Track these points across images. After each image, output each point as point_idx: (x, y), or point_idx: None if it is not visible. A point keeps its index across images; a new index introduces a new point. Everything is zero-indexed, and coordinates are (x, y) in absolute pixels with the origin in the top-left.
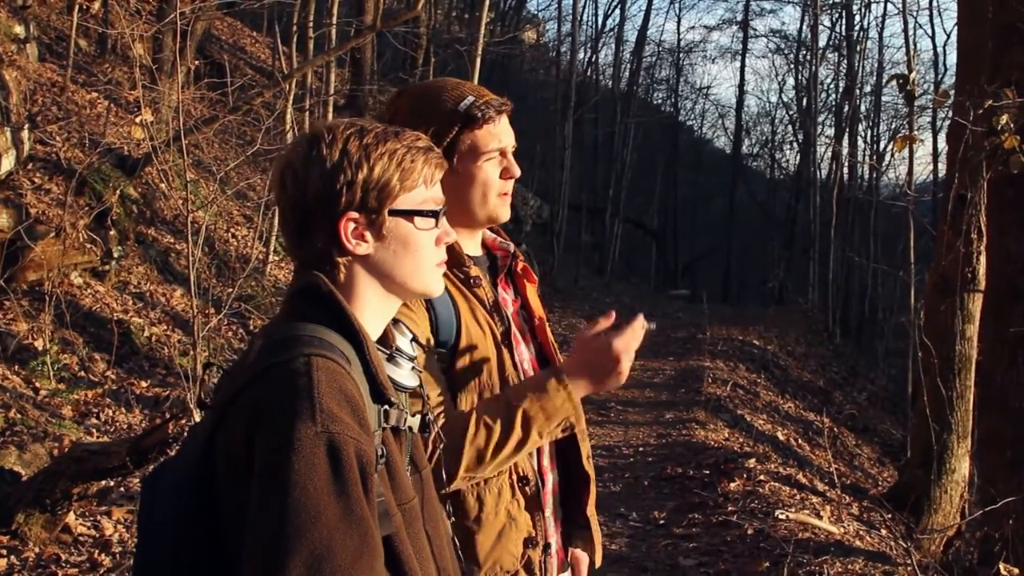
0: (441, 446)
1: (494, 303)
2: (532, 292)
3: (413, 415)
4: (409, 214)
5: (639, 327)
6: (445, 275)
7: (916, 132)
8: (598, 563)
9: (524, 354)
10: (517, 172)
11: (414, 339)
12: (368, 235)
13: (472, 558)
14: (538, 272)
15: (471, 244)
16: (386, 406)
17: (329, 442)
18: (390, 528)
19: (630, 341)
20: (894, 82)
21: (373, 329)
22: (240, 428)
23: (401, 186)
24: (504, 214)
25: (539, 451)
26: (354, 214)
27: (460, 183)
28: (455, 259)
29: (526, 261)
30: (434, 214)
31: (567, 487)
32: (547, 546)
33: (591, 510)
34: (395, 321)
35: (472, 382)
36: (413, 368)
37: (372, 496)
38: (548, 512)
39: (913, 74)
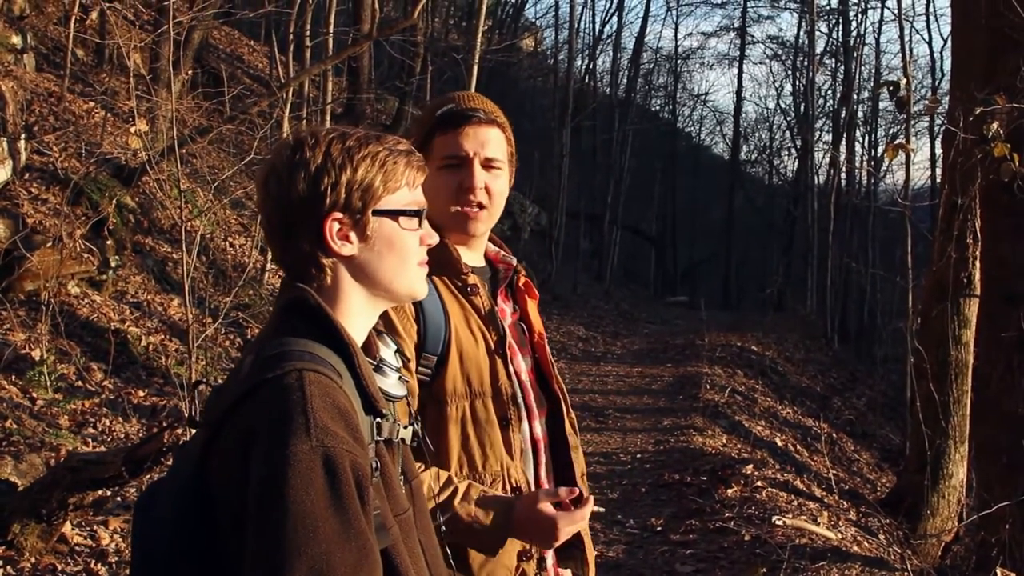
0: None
1: (489, 312)
2: (532, 307)
3: (405, 427)
4: (393, 214)
5: (587, 511)
6: (442, 282)
7: (912, 138)
8: None
9: (521, 365)
10: (469, 183)
11: (398, 350)
12: (352, 236)
13: (465, 569)
14: (537, 285)
15: (469, 254)
16: (378, 418)
17: (325, 456)
18: (388, 540)
19: (576, 523)
20: (886, 89)
21: (358, 335)
22: (234, 445)
23: (384, 187)
24: (462, 227)
25: (536, 464)
26: (338, 214)
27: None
28: (453, 267)
29: (527, 278)
30: (417, 214)
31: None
32: (542, 560)
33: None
34: (379, 332)
35: (463, 389)
36: (400, 378)
37: (369, 509)
38: None
39: (904, 80)
